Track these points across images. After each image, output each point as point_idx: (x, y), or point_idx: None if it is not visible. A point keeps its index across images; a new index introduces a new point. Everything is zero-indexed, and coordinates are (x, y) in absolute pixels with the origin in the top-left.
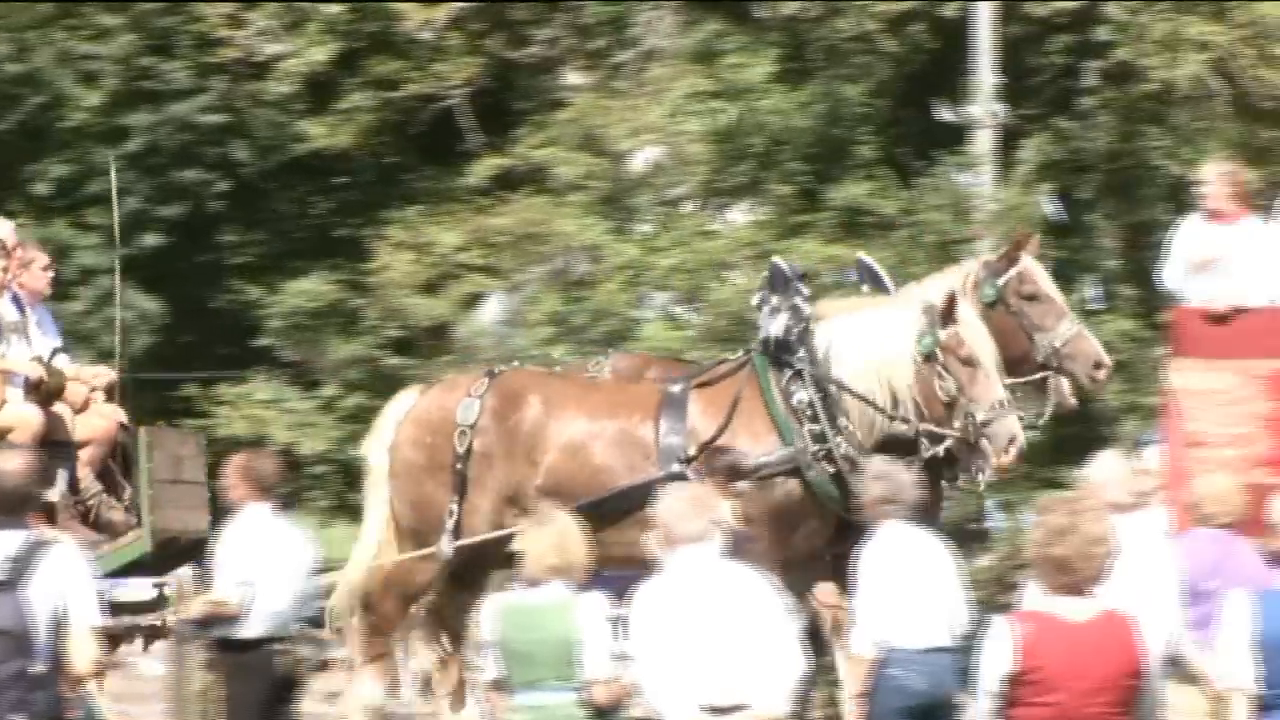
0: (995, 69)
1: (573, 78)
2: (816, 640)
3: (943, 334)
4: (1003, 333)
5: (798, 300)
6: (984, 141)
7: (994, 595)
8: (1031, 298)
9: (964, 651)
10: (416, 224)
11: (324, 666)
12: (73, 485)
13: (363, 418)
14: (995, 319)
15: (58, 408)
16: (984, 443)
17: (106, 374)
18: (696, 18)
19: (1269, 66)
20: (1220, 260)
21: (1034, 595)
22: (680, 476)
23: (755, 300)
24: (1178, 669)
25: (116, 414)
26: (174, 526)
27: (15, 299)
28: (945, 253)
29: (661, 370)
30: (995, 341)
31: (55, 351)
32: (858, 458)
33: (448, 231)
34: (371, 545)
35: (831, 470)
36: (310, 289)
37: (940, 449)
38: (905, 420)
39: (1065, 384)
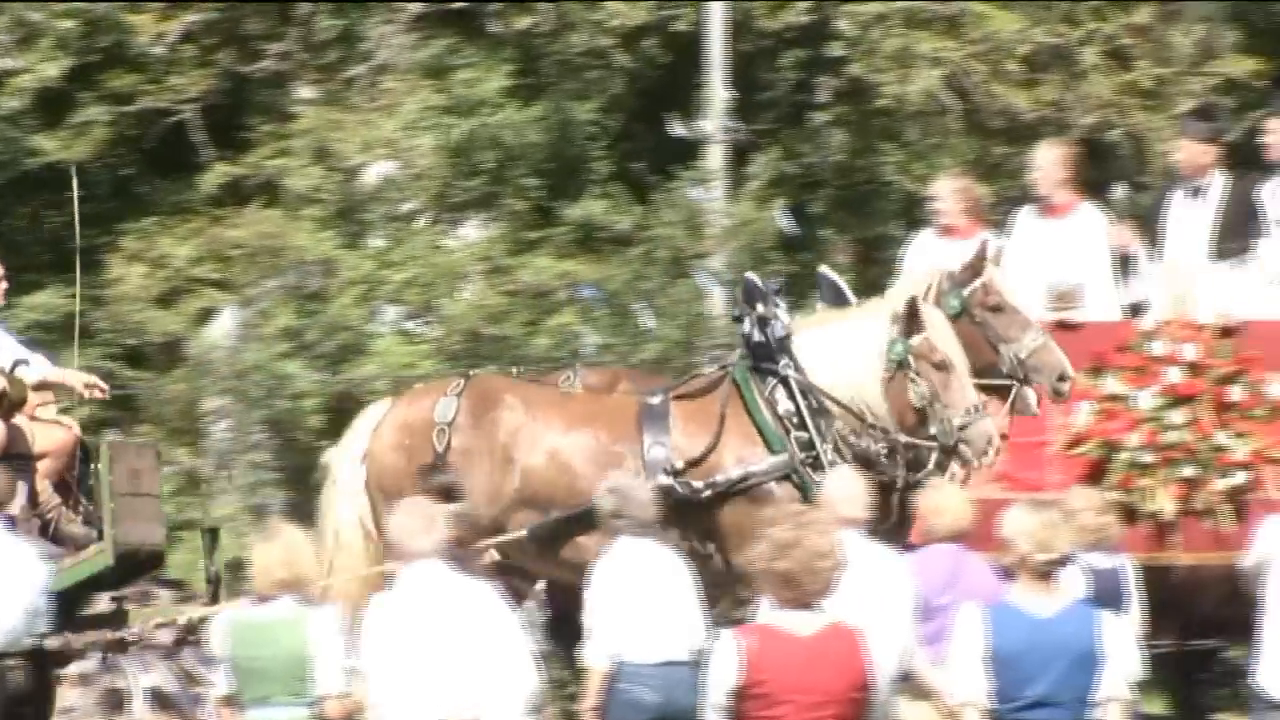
0: (728, 84)
1: (305, 92)
2: None
3: (913, 340)
4: (968, 344)
5: (778, 311)
6: (717, 156)
7: None
8: (996, 309)
9: (699, 666)
10: (151, 235)
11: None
12: (31, 498)
13: (92, 429)
14: (960, 330)
15: (17, 419)
16: (962, 447)
17: (99, 384)
18: (429, 32)
19: (1001, 83)
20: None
21: (765, 609)
22: (669, 489)
23: (734, 313)
24: (910, 684)
25: (72, 426)
26: (133, 540)
27: None
28: (679, 268)
29: (632, 385)
30: None
31: (16, 363)
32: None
33: (181, 244)
34: (337, 555)
35: (819, 479)
36: (45, 302)
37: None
38: (884, 432)
39: (1030, 394)
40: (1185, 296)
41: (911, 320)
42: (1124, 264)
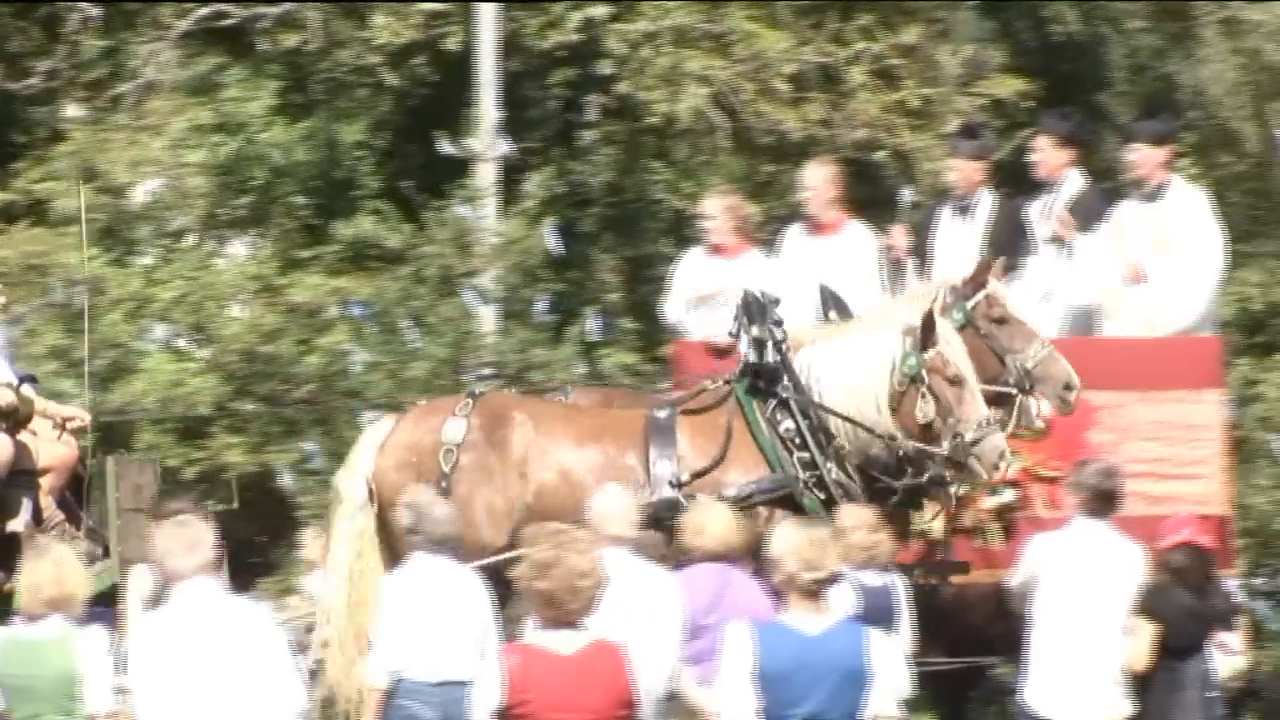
0: (498, 102)
1: (72, 110)
2: None
3: (927, 355)
4: (973, 356)
5: (775, 328)
6: (487, 175)
7: None
8: (1001, 320)
9: None
10: None
11: None
12: (36, 515)
13: None
14: (965, 342)
15: (23, 436)
16: (973, 462)
17: (81, 415)
18: (196, 50)
19: (769, 101)
20: (722, 294)
21: (530, 628)
22: (674, 502)
23: (732, 329)
24: (677, 702)
25: (72, 442)
26: (138, 557)
27: None
28: (449, 286)
29: (626, 404)
30: None
31: (24, 379)
32: (849, 483)
33: None
34: (344, 576)
35: (822, 497)
36: None
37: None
38: (892, 441)
39: (1033, 405)
40: None
41: (926, 334)
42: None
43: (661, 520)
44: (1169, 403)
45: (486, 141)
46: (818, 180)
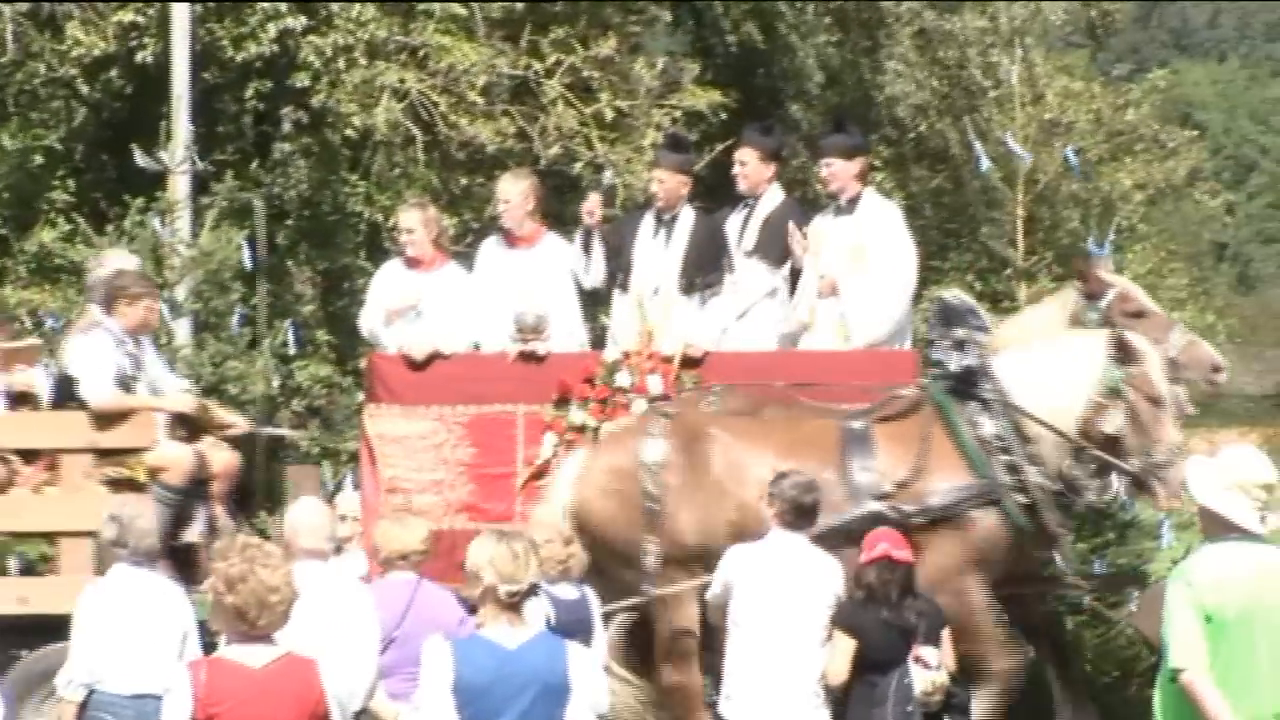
0: (193, 115)
1: None
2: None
3: (1132, 371)
4: None
5: (977, 333)
6: (181, 187)
7: None
8: (1138, 314)
9: None
10: None
11: None
12: (210, 524)
13: None
14: None
15: (198, 445)
16: (1157, 485)
17: (240, 422)
18: None
19: (464, 113)
20: (418, 306)
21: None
22: (879, 515)
23: (930, 335)
24: (370, 715)
25: (233, 449)
26: None
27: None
28: None
29: (778, 406)
30: None
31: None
32: (1050, 487)
33: None
34: None
35: (1025, 501)
36: None
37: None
38: (1083, 451)
39: (1181, 393)
40: (652, 327)
41: (1128, 351)
42: None
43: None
44: None
45: (181, 154)
46: (514, 193)
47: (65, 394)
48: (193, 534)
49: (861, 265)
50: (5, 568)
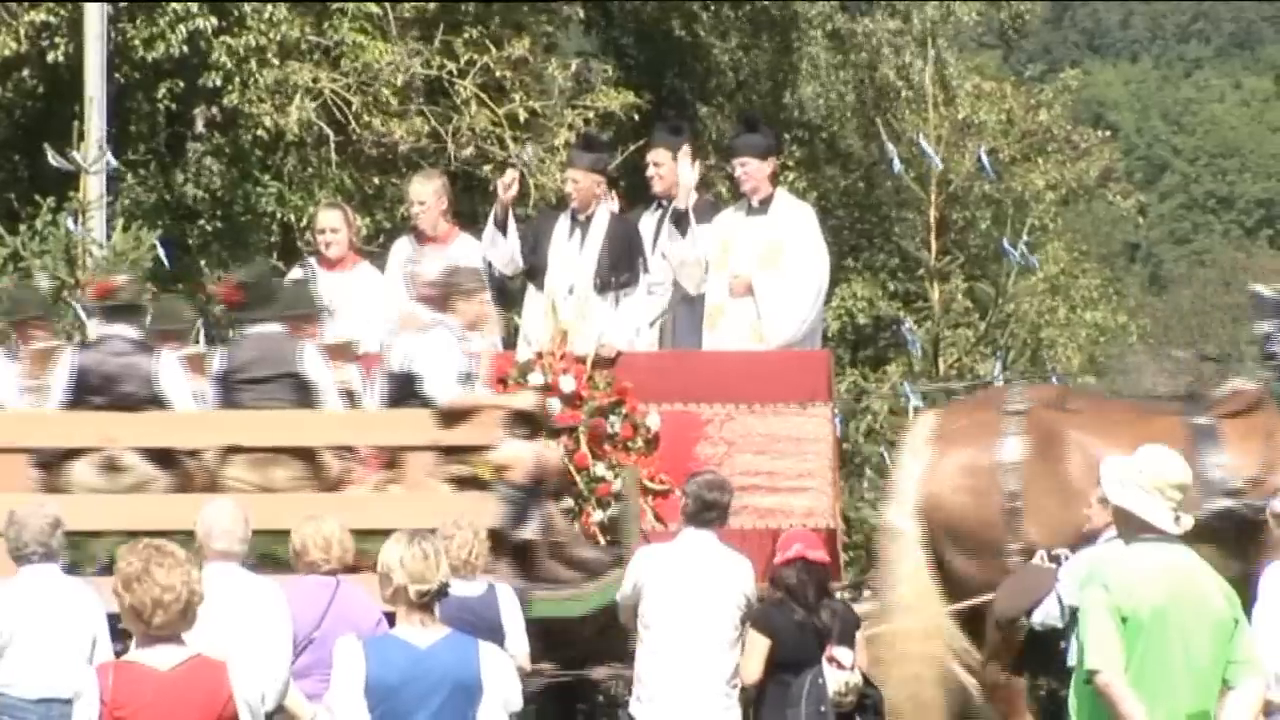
0: (105, 115)
1: None
2: None
3: None
4: None
5: None
6: (94, 187)
7: None
8: None
9: None
10: None
11: None
12: (545, 522)
13: None
14: None
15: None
16: None
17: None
18: None
19: (377, 113)
20: (330, 306)
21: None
22: (1231, 511)
23: (1263, 329)
24: (285, 716)
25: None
26: None
27: None
28: (57, 298)
29: (1081, 400)
30: None
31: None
32: None
33: None
34: (903, 615)
35: None
36: None
37: None
38: None
39: None
40: (566, 328)
41: None
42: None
43: (1217, 530)
44: (777, 415)
45: (94, 154)
46: (427, 193)
47: (404, 392)
48: (530, 531)
49: (775, 265)
50: None
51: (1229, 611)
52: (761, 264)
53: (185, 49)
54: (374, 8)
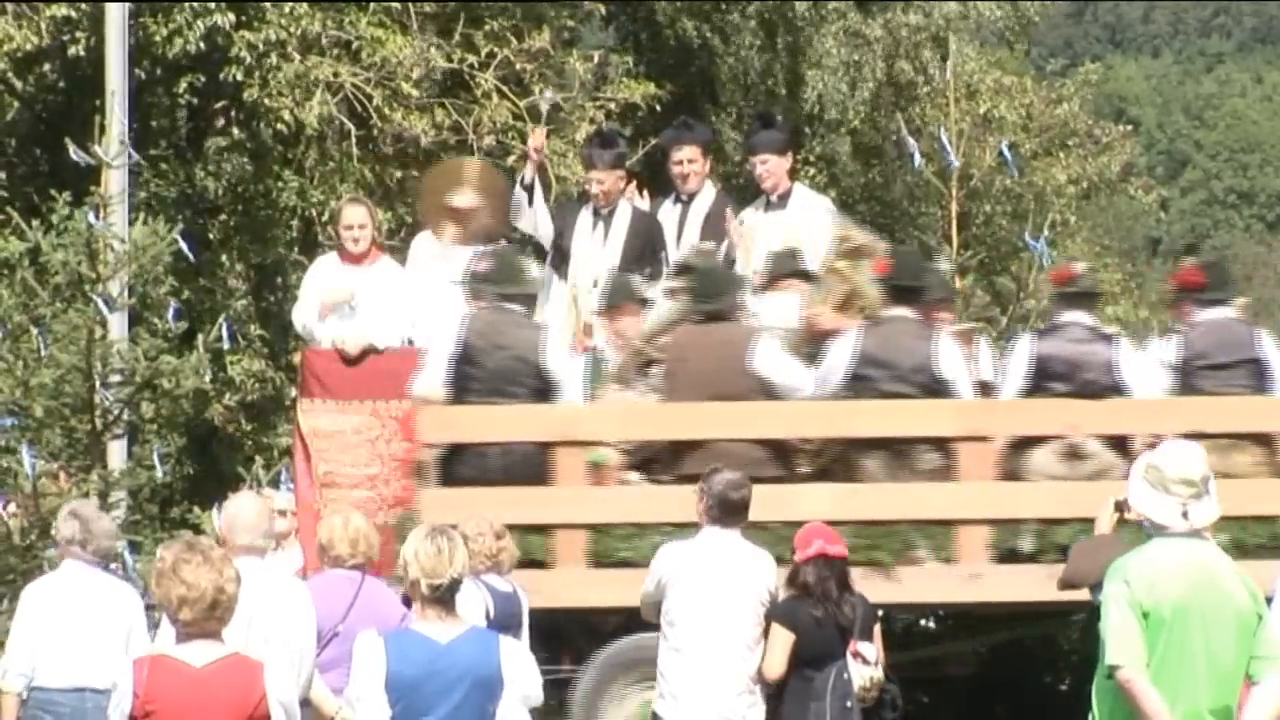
0: (126, 109)
1: None
2: None
3: None
4: None
5: None
6: (114, 182)
7: None
8: None
9: None
10: None
11: None
12: None
13: None
14: None
15: None
16: None
17: None
18: None
19: (397, 107)
20: (352, 301)
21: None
22: None
23: None
24: (310, 708)
25: None
26: None
27: None
28: (78, 291)
29: None
30: None
31: None
32: None
33: None
34: None
35: None
36: None
37: None
38: None
39: None
40: (588, 321)
41: None
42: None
43: None
44: None
45: (114, 148)
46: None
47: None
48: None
49: None
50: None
51: (1252, 606)
52: None
53: (205, 44)
54: (394, 3)
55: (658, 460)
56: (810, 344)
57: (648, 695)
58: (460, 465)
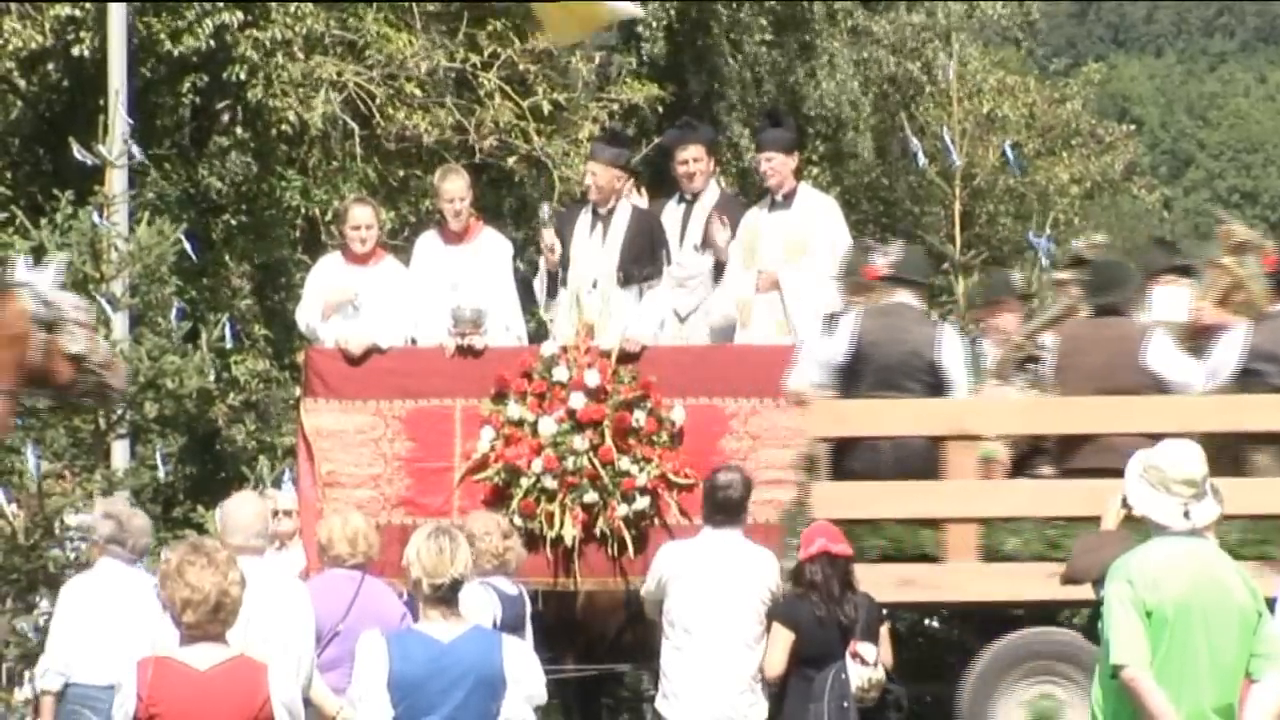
0: (129, 109)
1: None
2: None
3: None
4: None
5: None
6: (118, 181)
7: None
8: None
9: None
10: None
11: None
12: None
13: None
14: None
15: None
16: None
17: None
18: None
19: (401, 106)
20: (355, 301)
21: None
22: None
23: None
24: (312, 707)
25: None
26: None
27: None
28: (82, 291)
29: None
30: None
31: None
32: None
33: None
34: None
35: None
36: None
37: None
38: None
39: None
40: (590, 322)
41: None
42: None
43: None
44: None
45: (119, 148)
46: (452, 187)
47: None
48: None
49: (801, 259)
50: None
51: (1252, 604)
52: (787, 258)
53: (210, 43)
54: (400, 1)
55: (1044, 454)
56: (1193, 339)
57: (1041, 689)
58: (851, 460)
